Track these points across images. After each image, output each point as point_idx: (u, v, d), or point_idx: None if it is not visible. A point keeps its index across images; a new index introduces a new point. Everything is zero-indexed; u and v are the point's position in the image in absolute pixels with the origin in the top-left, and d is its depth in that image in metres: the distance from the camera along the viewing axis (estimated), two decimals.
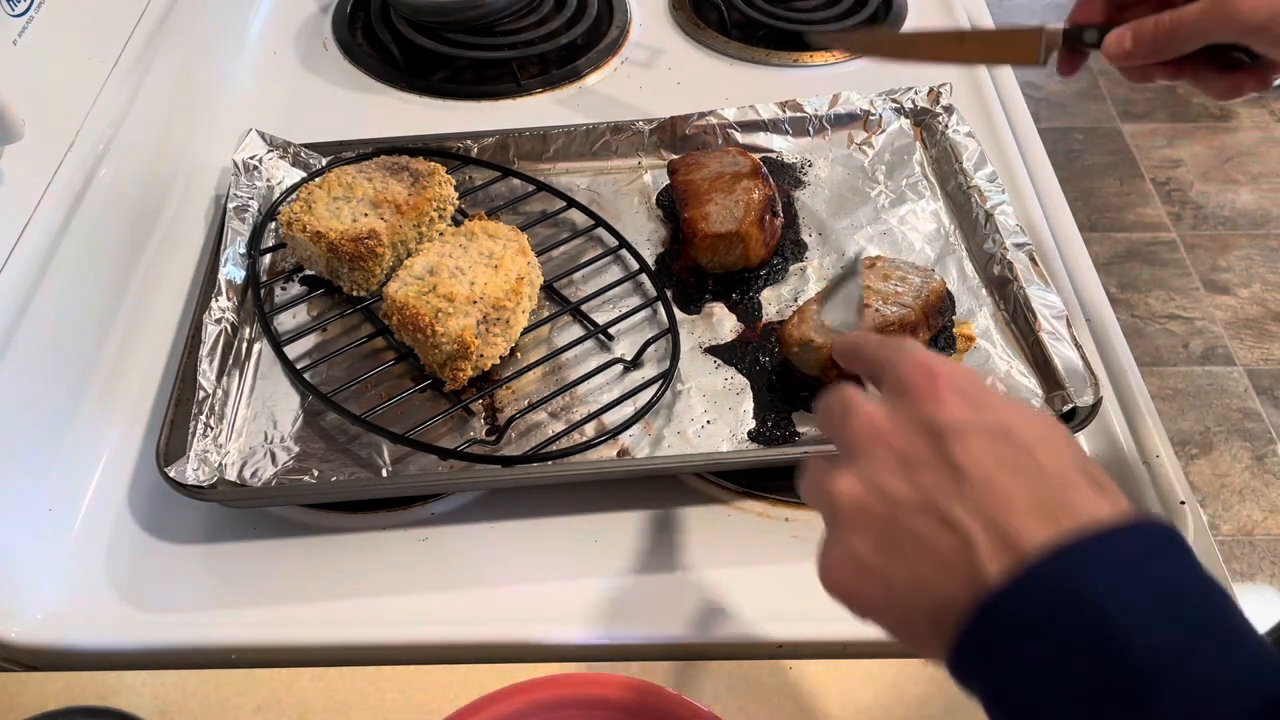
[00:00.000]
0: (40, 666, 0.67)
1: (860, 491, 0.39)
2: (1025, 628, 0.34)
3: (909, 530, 0.37)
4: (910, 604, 0.37)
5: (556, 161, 0.94)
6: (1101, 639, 0.32)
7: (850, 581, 0.39)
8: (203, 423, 0.70)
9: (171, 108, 0.92)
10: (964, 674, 0.36)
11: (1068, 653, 0.33)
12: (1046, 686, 0.33)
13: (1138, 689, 0.31)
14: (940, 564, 0.36)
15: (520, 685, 0.59)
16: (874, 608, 0.39)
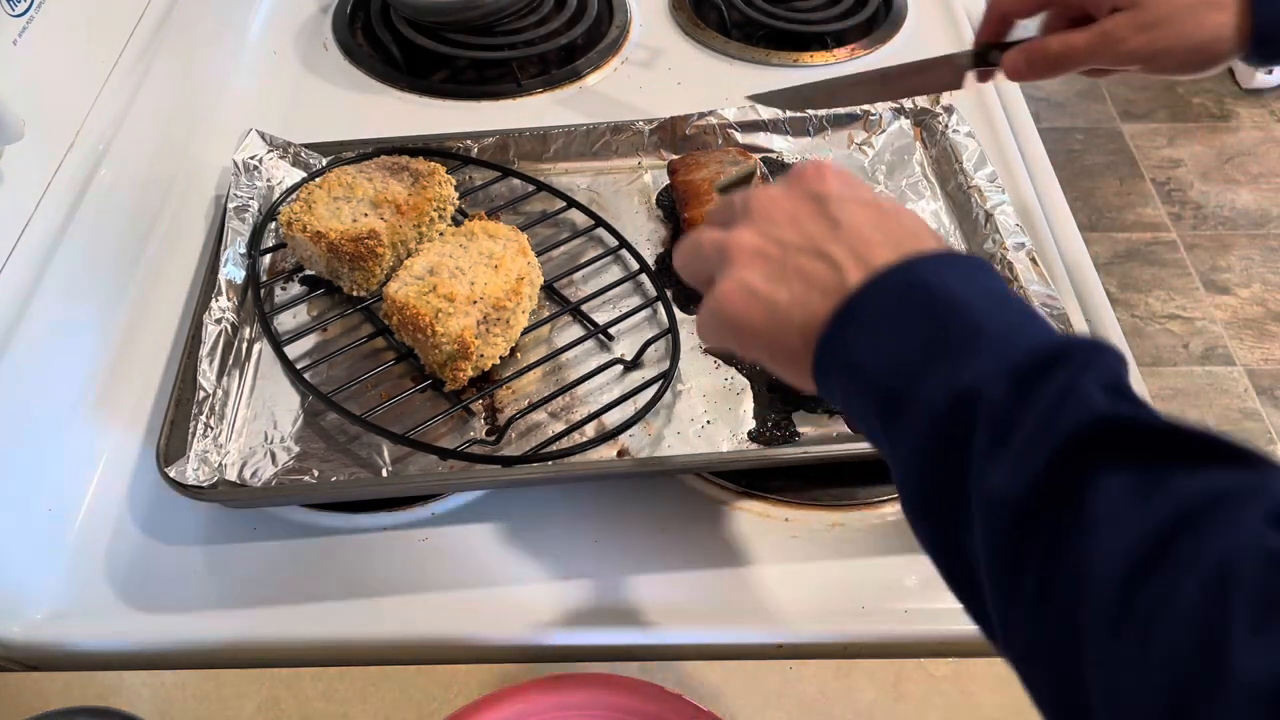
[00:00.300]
0: (40, 666, 0.67)
1: (758, 240, 0.47)
2: (875, 309, 0.42)
3: (795, 266, 0.46)
4: (787, 320, 0.45)
5: (556, 161, 0.94)
6: (935, 306, 0.41)
7: (741, 307, 0.47)
8: (203, 423, 0.70)
9: (172, 108, 0.92)
10: (825, 369, 0.44)
11: (908, 319, 0.41)
12: (892, 350, 0.41)
13: (963, 338, 0.40)
14: (815, 287, 0.45)
15: (520, 685, 0.59)
16: (757, 328, 0.46)
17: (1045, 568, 0.35)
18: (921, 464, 0.40)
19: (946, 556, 0.41)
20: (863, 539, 0.71)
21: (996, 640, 0.38)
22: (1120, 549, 0.33)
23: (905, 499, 0.42)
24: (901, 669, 0.64)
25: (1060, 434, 0.36)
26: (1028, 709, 0.61)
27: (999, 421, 0.37)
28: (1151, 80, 2.69)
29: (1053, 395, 0.37)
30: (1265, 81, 2.60)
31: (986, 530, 0.37)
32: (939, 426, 0.39)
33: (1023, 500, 0.36)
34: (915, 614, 0.67)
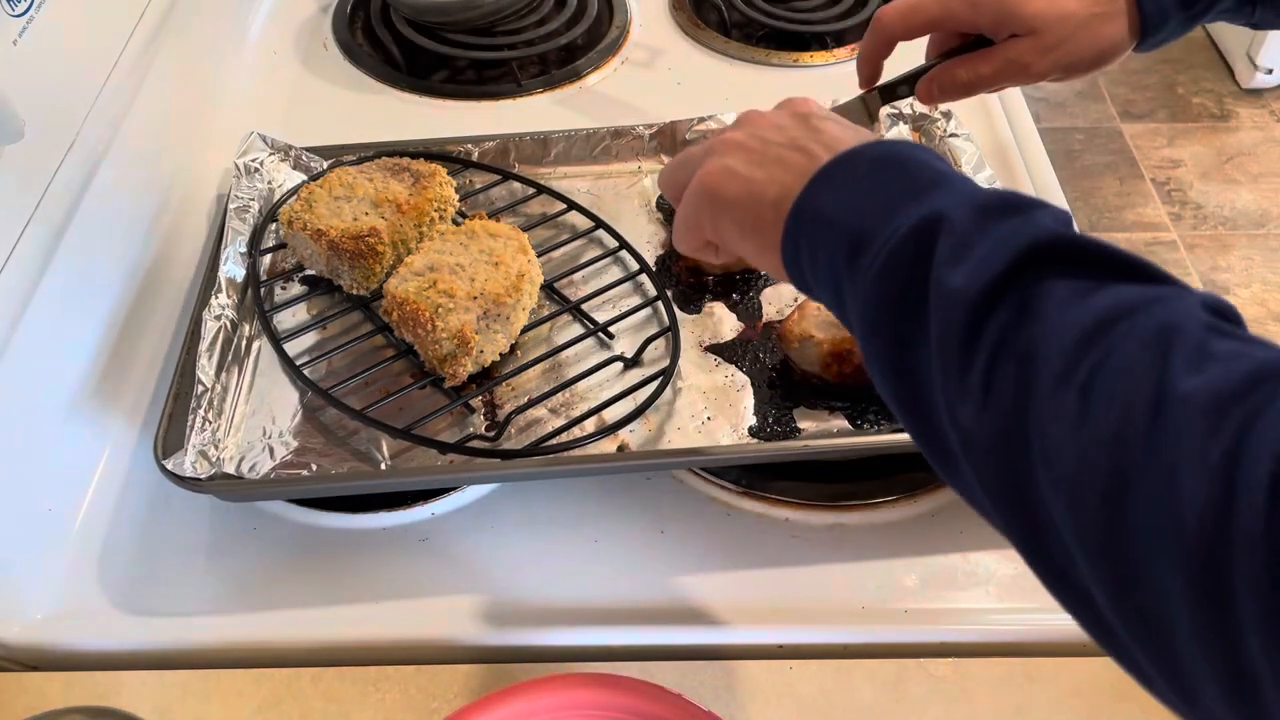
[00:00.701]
0: (40, 666, 0.67)
1: (743, 136, 0.52)
2: (850, 170, 0.46)
3: (775, 155, 0.50)
4: (762, 195, 0.49)
5: (557, 165, 0.94)
6: (906, 166, 0.45)
7: (720, 180, 0.51)
8: (201, 417, 0.70)
9: (172, 108, 0.92)
10: (794, 231, 0.47)
11: (881, 175, 0.45)
12: (864, 199, 0.45)
13: (931, 184, 0.43)
14: (792, 170, 0.48)
15: (520, 685, 0.59)
16: (733, 200, 0.50)
17: (995, 356, 0.37)
18: (883, 283, 0.42)
19: (897, 375, 0.42)
20: (863, 539, 0.71)
21: (943, 447, 0.41)
22: (1066, 332, 0.36)
23: (861, 327, 0.44)
24: (901, 669, 0.64)
25: (1016, 247, 0.39)
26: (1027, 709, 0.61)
27: (960, 238, 0.40)
28: (1151, 80, 2.69)
29: (1012, 223, 0.40)
30: (1265, 81, 2.60)
31: (940, 328, 0.40)
32: (904, 247, 0.42)
33: (977, 298, 0.38)
34: (915, 614, 0.67)
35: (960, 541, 0.70)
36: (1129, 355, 0.34)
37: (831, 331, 0.72)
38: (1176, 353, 0.33)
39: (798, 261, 0.48)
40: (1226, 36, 2.71)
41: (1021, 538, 0.37)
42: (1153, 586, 0.31)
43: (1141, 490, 0.32)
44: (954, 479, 0.41)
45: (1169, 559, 0.31)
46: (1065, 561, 0.35)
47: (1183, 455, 0.31)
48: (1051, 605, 0.68)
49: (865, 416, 0.73)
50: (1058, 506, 0.34)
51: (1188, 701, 0.32)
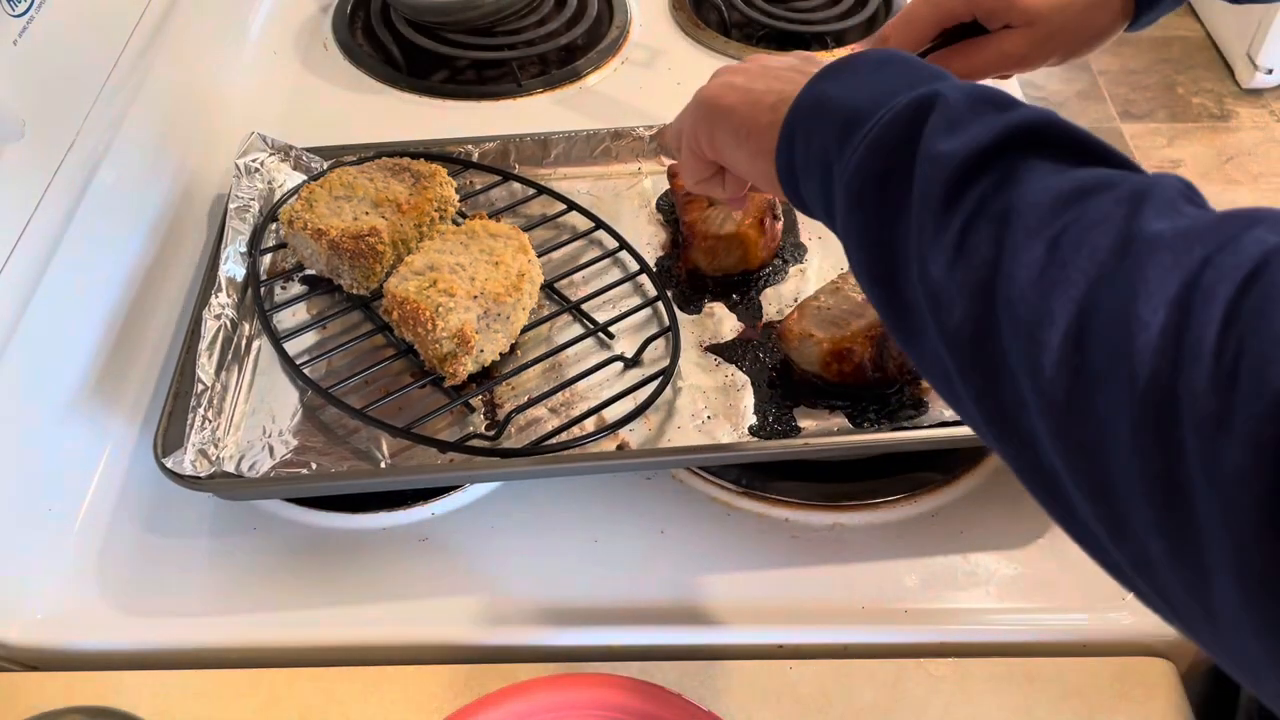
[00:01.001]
0: (40, 666, 0.67)
1: (747, 64, 0.56)
2: (853, 66, 0.48)
3: (775, 73, 0.53)
4: (761, 101, 0.52)
5: (557, 166, 0.94)
6: (909, 64, 0.47)
7: (719, 91, 0.54)
8: (201, 415, 0.71)
9: (172, 108, 0.92)
10: (791, 122, 0.49)
11: (884, 70, 0.47)
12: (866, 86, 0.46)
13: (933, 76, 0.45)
14: (791, 82, 0.51)
15: (520, 685, 0.59)
16: (731, 104, 0.53)
17: (972, 218, 0.38)
18: (872, 156, 0.43)
19: (874, 247, 0.43)
20: (863, 539, 0.71)
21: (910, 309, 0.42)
22: (1043, 196, 0.37)
23: (845, 204, 0.45)
24: (901, 669, 0.64)
25: (1005, 124, 0.40)
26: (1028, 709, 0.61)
27: (953, 114, 0.41)
28: (1151, 80, 2.69)
29: (1005, 112, 0.41)
30: (1265, 81, 2.60)
31: (922, 189, 0.41)
32: (898, 120, 0.43)
33: (961, 166, 0.39)
34: (915, 614, 0.67)
35: (960, 541, 0.70)
36: (1101, 210, 0.35)
37: (831, 331, 0.72)
38: (1148, 206, 0.35)
39: (790, 156, 0.49)
40: (1226, 36, 2.71)
41: (976, 387, 0.38)
42: (1100, 415, 0.32)
43: (1099, 325, 0.33)
44: (918, 346, 0.42)
45: (1119, 383, 0.31)
46: (1016, 409, 0.36)
47: (1144, 286, 0.32)
48: (1051, 605, 0.68)
49: (865, 416, 0.73)
50: (1017, 351, 0.35)
51: (1119, 536, 0.33)
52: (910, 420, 0.72)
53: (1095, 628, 0.66)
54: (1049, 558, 0.69)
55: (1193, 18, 2.87)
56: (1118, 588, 0.68)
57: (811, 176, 0.48)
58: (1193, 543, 0.30)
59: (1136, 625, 0.65)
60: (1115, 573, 0.35)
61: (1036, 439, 0.35)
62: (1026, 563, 0.69)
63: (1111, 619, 0.66)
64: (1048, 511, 0.37)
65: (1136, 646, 0.65)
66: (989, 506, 0.72)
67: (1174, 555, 0.31)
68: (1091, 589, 0.67)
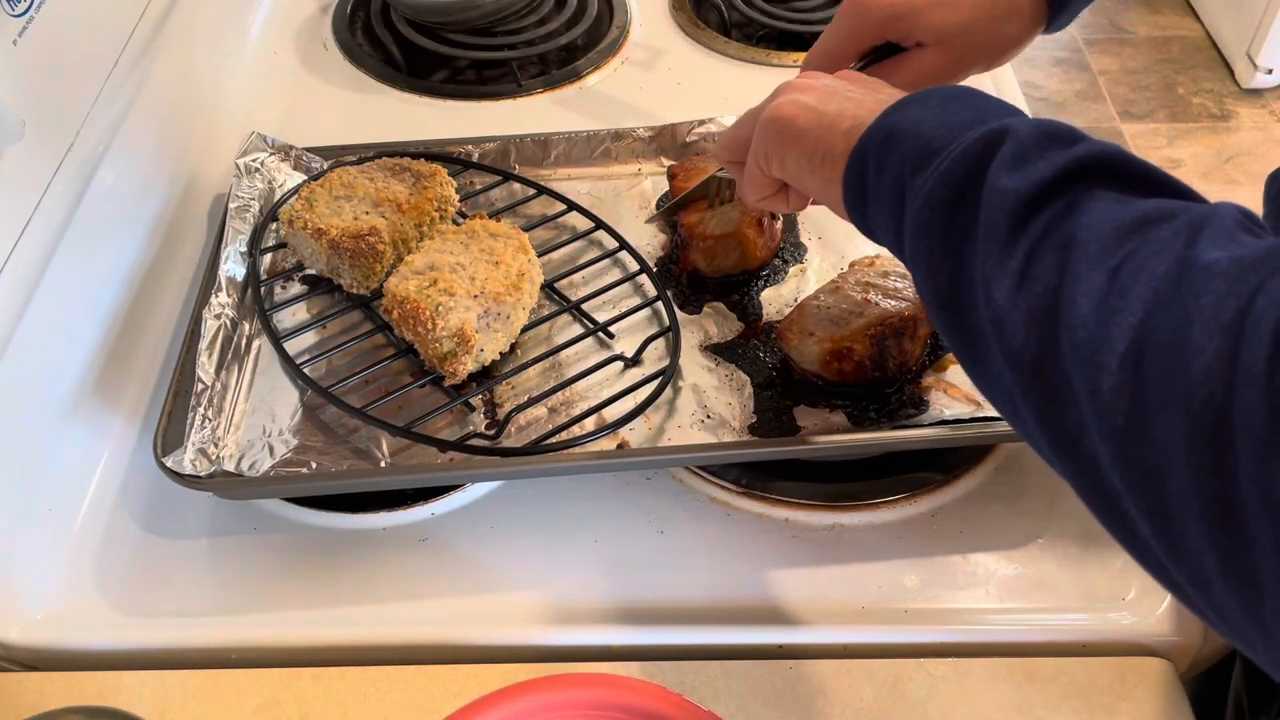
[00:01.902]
0: (40, 666, 0.67)
1: (810, 81, 0.56)
2: (926, 98, 0.49)
3: (845, 94, 0.54)
4: (834, 123, 0.52)
5: (557, 167, 0.94)
6: (981, 99, 0.48)
7: (793, 111, 0.54)
8: (200, 414, 0.71)
9: (172, 108, 0.92)
10: (863, 149, 0.50)
11: (956, 103, 0.48)
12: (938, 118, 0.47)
13: (1002, 113, 0.46)
14: (863, 106, 0.52)
15: (520, 685, 0.59)
16: (805, 126, 0.53)
17: (1037, 245, 0.40)
18: (942, 184, 0.45)
19: (941, 274, 0.45)
20: (863, 539, 0.71)
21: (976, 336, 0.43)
22: (1106, 226, 0.38)
23: (914, 230, 0.46)
24: (901, 669, 0.64)
25: (1070, 157, 0.41)
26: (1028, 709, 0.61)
27: (1021, 149, 0.42)
28: (1151, 80, 2.69)
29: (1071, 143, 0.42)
30: (1265, 81, 2.60)
31: (988, 218, 0.42)
32: (969, 152, 0.44)
33: (1027, 197, 0.41)
34: (915, 614, 0.67)
35: (960, 541, 0.70)
36: (1161, 240, 0.36)
37: (831, 330, 0.72)
38: (1205, 235, 0.36)
39: (863, 181, 0.50)
40: (1227, 36, 2.71)
41: (1040, 410, 0.39)
42: (1158, 434, 0.33)
43: (1156, 349, 0.34)
44: (983, 370, 0.43)
45: (1176, 405, 0.33)
46: (1078, 430, 0.37)
47: (1199, 312, 0.33)
48: (1051, 605, 0.68)
49: (865, 415, 0.73)
50: (1078, 373, 0.36)
51: (1176, 552, 0.34)
52: (910, 419, 0.72)
53: (1095, 628, 0.66)
54: (1049, 558, 0.69)
55: (1193, 18, 2.87)
56: (1118, 588, 0.68)
57: (882, 204, 0.49)
58: (1247, 562, 0.31)
59: (1136, 625, 0.65)
60: (1177, 591, 0.36)
61: (1098, 460, 0.36)
62: (1026, 563, 0.69)
63: (1111, 619, 0.66)
64: (1110, 532, 0.38)
65: (1136, 646, 0.65)
66: (989, 506, 0.72)
67: (1228, 573, 0.32)
68: (1091, 589, 0.67)
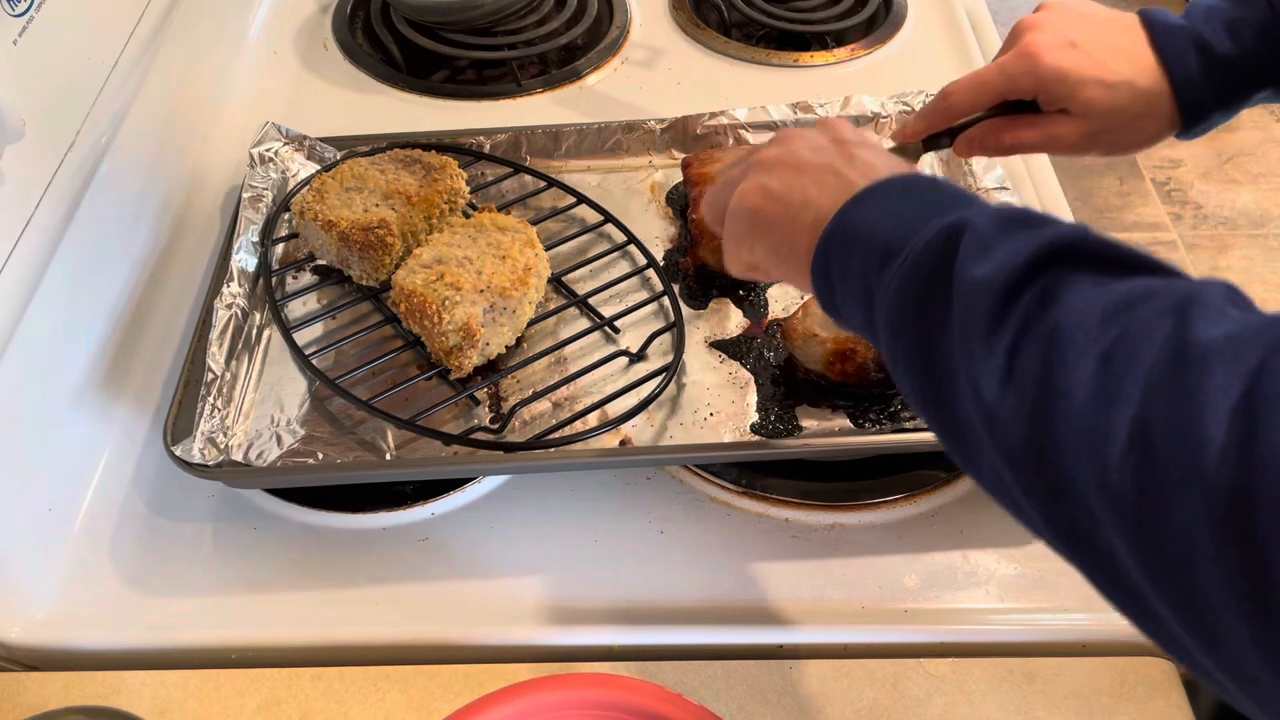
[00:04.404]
0: (40, 666, 0.67)
1: (781, 154, 0.54)
2: (883, 194, 0.49)
3: (811, 176, 0.52)
4: (798, 216, 0.51)
5: (568, 159, 0.94)
6: (935, 190, 0.48)
7: (758, 201, 0.54)
8: (210, 404, 0.71)
9: (172, 108, 0.92)
10: (826, 247, 0.49)
11: (911, 197, 0.48)
12: (894, 215, 0.47)
13: (957, 203, 0.46)
14: (827, 192, 0.51)
15: (520, 685, 0.59)
16: (770, 220, 0.53)
17: (1019, 337, 0.39)
18: (909, 281, 0.44)
19: (921, 371, 0.44)
20: (863, 539, 0.71)
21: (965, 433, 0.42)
22: (1089, 311, 0.37)
23: (887, 329, 0.46)
24: (901, 669, 0.64)
25: (1039, 243, 0.40)
26: (1028, 709, 0.61)
27: (983, 239, 0.42)
28: None
29: (1032, 230, 0.42)
30: None
31: (964, 314, 0.41)
32: (930, 248, 0.44)
33: (1001, 287, 0.40)
34: (915, 614, 0.67)
35: (960, 541, 0.70)
36: (1149, 323, 0.35)
37: (835, 330, 0.72)
38: (1195, 314, 0.35)
39: (829, 279, 0.50)
40: None
41: (1045, 506, 0.38)
42: (1178, 527, 0.32)
43: (1164, 437, 0.33)
44: (976, 466, 0.42)
45: (1194, 497, 0.31)
46: (1089, 523, 0.35)
47: (1203, 397, 0.32)
48: (1051, 605, 0.68)
49: (867, 416, 0.73)
50: (1081, 467, 0.35)
51: (1212, 648, 0.32)
52: (912, 421, 0.72)
53: (1095, 628, 0.66)
54: (1049, 558, 0.68)
55: None
56: None
57: (852, 302, 0.49)
58: None
59: None
60: (1217, 686, 0.34)
61: (1115, 554, 0.35)
62: (1026, 563, 0.69)
63: (1112, 619, 0.65)
64: (1138, 627, 0.36)
65: (1136, 646, 0.65)
66: (989, 506, 0.72)
67: (1272, 666, 0.31)
68: (1091, 589, 0.67)
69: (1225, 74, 0.64)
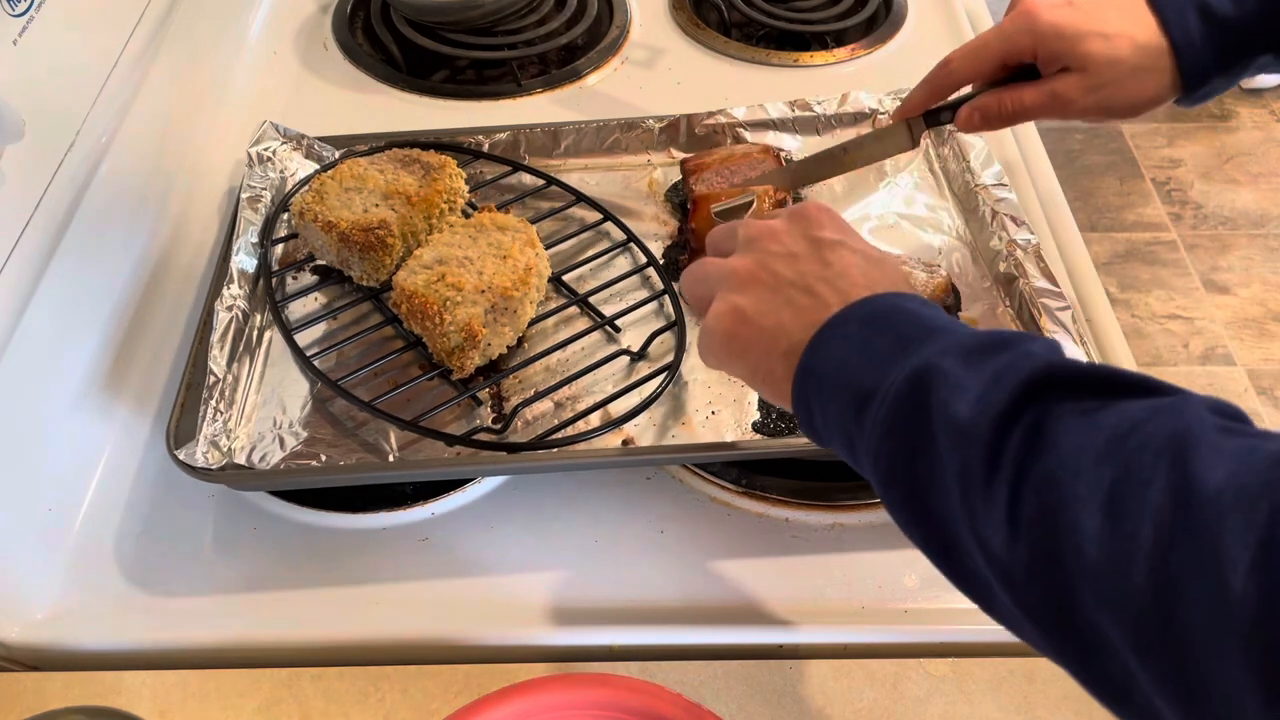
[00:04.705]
0: (40, 666, 0.67)
1: (755, 268, 0.53)
2: (844, 331, 0.48)
3: (785, 297, 0.51)
4: (773, 342, 0.51)
5: (567, 158, 0.94)
6: (894, 319, 0.47)
7: (732, 326, 0.53)
8: (213, 407, 0.70)
9: (172, 108, 0.92)
10: (802, 387, 0.49)
11: (872, 331, 0.47)
12: (859, 356, 0.47)
13: (918, 337, 0.45)
14: (800, 315, 0.50)
15: (520, 685, 0.59)
16: (745, 345, 0.52)
17: (1016, 490, 0.38)
18: (889, 438, 0.44)
19: (920, 522, 0.44)
20: (862, 539, 0.71)
21: (979, 583, 0.42)
22: (1081, 454, 0.37)
23: (877, 480, 0.46)
24: (901, 669, 0.64)
25: (1015, 380, 0.40)
26: (1028, 709, 0.61)
27: (954, 381, 0.42)
28: None
29: (1002, 359, 0.42)
30: (1265, 81, 2.60)
31: (956, 466, 0.41)
32: (900, 399, 0.43)
33: (988, 432, 0.40)
34: (915, 614, 0.67)
35: None
36: (1146, 466, 0.35)
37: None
38: (1193, 455, 0.34)
39: (809, 413, 0.49)
40: None
41: (1076, 661, 0.38)
42: (1220, 684, 0.32)
43: (1190, 592, 0.32)
44: (994, 612, 0.42)
45: (1230, 653, 0.31)
46: (1126, 678, 0.35)
47: (1223, 553, 0.32)
48: None
49: None
50: (1109, 624, 0.35)
51: None
52: None
53: None
54: None
55: None
56: None
57: (835, 440, 0.49)
58: None
59: None
60: None
61: (1157, 711, 0.35)
62: None
63: None
64: None
65: None
66: None
67: None
68: None
69: (1226, 36, 0.64)
